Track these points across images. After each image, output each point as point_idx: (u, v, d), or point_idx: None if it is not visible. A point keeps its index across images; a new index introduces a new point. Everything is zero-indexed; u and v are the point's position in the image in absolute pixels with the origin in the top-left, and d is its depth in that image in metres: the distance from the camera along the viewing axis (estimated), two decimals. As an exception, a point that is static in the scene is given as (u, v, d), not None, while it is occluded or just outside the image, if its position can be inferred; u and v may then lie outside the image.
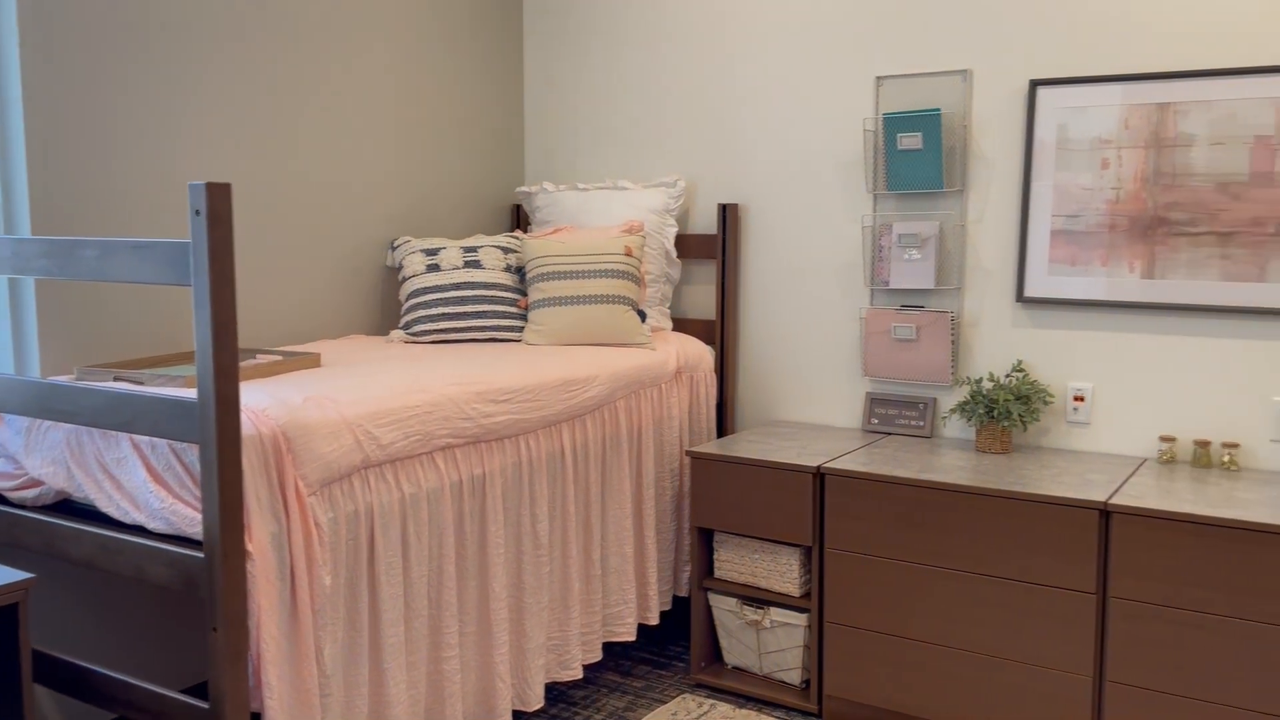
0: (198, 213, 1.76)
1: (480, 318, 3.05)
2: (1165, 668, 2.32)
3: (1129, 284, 2.77)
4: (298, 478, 1.96)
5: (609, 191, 3.44)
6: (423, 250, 3.15)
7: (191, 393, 2.04)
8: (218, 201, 1.76)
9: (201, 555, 1.85)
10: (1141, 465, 2.71)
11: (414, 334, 3.05)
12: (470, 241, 3.19)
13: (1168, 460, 2.73)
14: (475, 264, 3.12)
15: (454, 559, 2.31)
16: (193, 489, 1.93)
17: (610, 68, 3.58)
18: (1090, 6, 2.77)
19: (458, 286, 3.07)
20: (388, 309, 3.33)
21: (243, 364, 2.33)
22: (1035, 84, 2.83)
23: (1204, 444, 2.68)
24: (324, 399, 2.09)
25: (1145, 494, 2.41)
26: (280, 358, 2.49)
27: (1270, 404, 2.64)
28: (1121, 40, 2.74)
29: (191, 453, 1.92)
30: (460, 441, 2.32)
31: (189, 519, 1.92)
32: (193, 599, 2.71)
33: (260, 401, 2.01)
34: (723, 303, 3.35)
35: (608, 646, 3.21)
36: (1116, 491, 2.43)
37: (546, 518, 2.56)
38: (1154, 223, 2.72)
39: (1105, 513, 2.37)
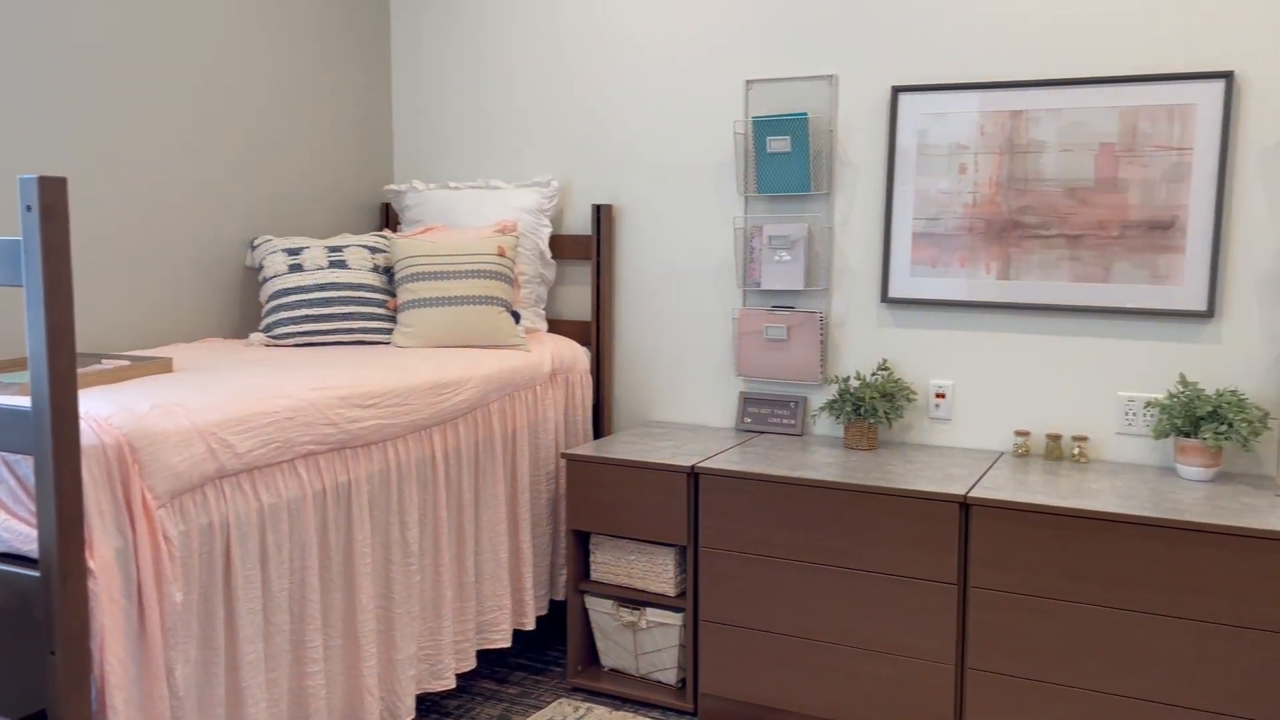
0: (29, 208, 1.64)
1: (346, 319, 2.96)
2: (1022, 653, 2.41)
3: (986, 285, 2.88)
4: (145, 489, 1.85)
5: (481, 191, 3.38)
6: (285, 249, 3.03)
7: (25, 401, 1.91)
8: (52, 196, 1.64)
9: (38, 574, 1.73)
10: (999, 459, 2.81)
11: (275, 337, 2.93)
12: (336, 241, 3.09)
13: (1023, 454, 2.85)
14: (341, 264, 3.02)
15: (318, 570, 2.22)
16: (28, 503, 1.80)
17: (482, 65, 3.53)
18: (949, 16, 2.87)
19: (322, 287, 2.96)
20: (247, 311, 3.20)
21: (87, 370, 2.19)
22: (897, 90, 2.92)
23: (1055, 437, 2.81)
24: (174, 405, 1.98)
25: (1002, 487, 2.50)
26: (128, 363, 2.35)
27: (1116, 398, 2.78)
28: (978, 49, 2.84)
29: (26, 465, 1.80)
30: (324, 448, 2.23)
31: (24, 536, 1.79)
32: (30, 621, 2.53)
33: (103, 409, 1.89)
34: (598, 304, 3.33)
35: (483, 654, 3.16)
36: (975, 485, 2.52)
37: (416, 525, 2.49)
38: (1008, 226, 2.83)
39: (965, 506, 2.46)
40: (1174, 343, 2.70)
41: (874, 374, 3.01)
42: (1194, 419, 2.55)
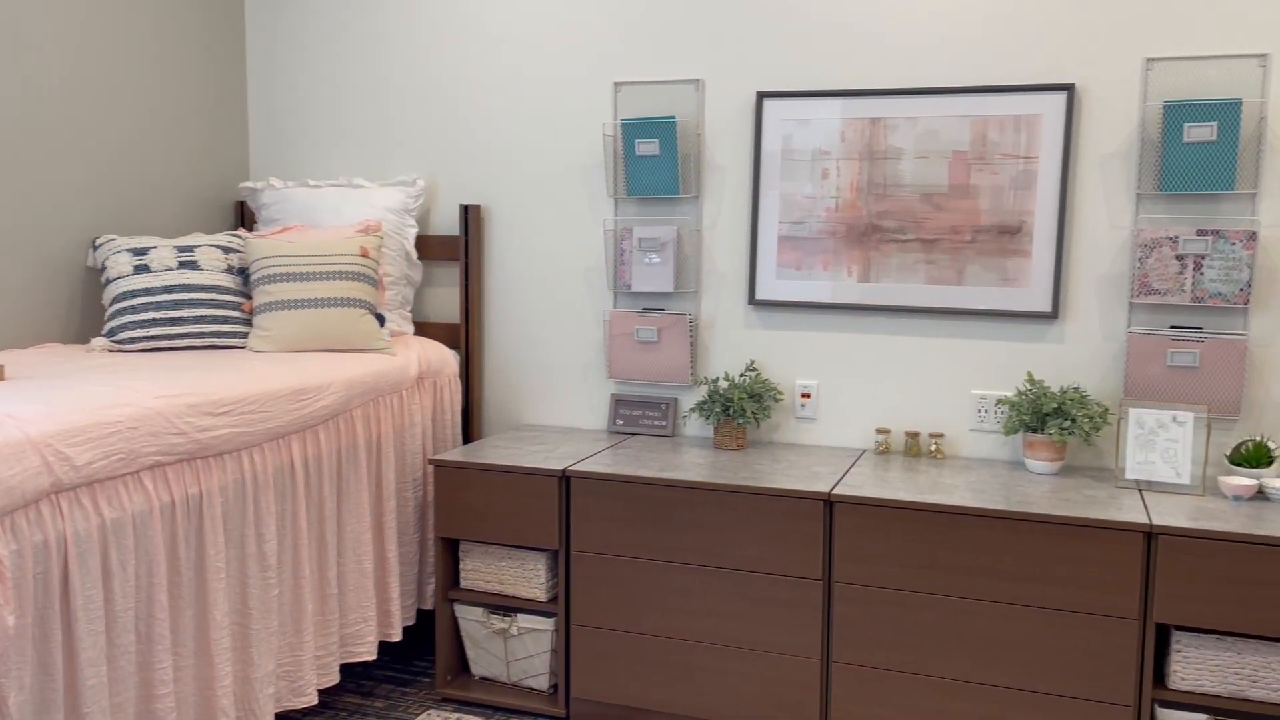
0: None
1: (198, 323, 2.82)
2: (884, 645, 2.48)
3: (848, 287, 2.95)
4: (-32, 507, 1.71)
5: (343, 189, 3.28)
6: (129, 250, 2.87)
7: None
8: None
9: None
10: (861, 456, 2.89)
11: (119, 342, 2.77)
12: (186, 240, 2.94)
13: (883, 451, 2.94)
14: (191, 264, 2.87)
15: (166, 587, 2.10)
16: None
17: (344, 58, 3.42)
18: (811, 25, 2.93)
19: (171, 289, 2.82)
20: (89, 314, 3.01)
21: (-100, 378, 2.02)
22: (762, 96, 2.96)
23: (914, 435, 2.91)
24: (3, 416, 1.84)
25: (863, 484, 2.57)
26: (-49, 370, 2.17)
27: (969, 396, 2.90)
28: (839, 58, 2.92)
29: None
30: (172, 459, 2.12)
31: None
32: None
33: (-81, 421, 1.74)
34: (467, 306, 3.28)
35: (347, 667, 3.06)
36: (839, 483, 2.58)
37: (275, 537, 2.39)
38: (869, 230, 2.92)
39: (829, 503, 2.51)
40: (1022, 342, 2.83)
41: (742, 375, 3.06)
42: (1041, 415, 2.67)
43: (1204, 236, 2.58)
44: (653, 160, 3.04)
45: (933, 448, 2.88)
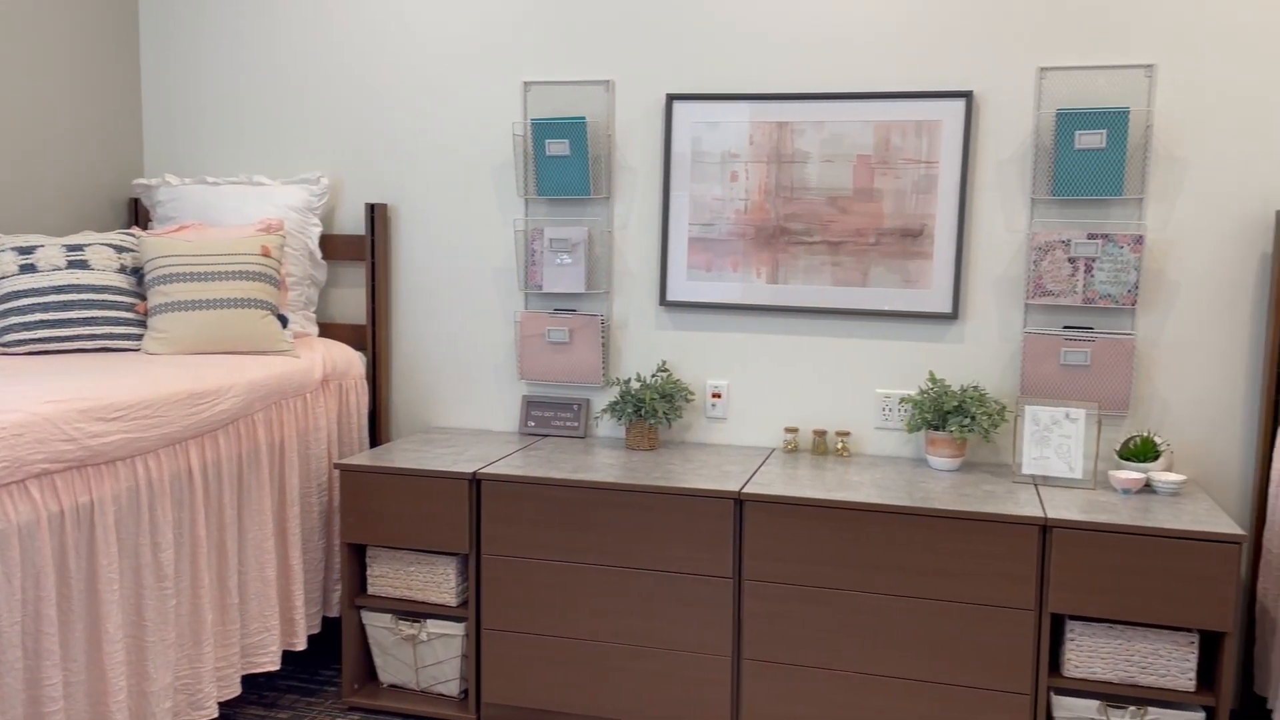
0: None
1: (88, 325, 2.70)
2: (793, 641, 2.52)
3: (757, 288, 2.99)
4: None
5: (243, 186, 3.19)
6: (14, 249, 2.74)
7: None
8: None
9: None
10: (770, 455, 2.93)
11: (4, 345, 2.64)
12: (76, 239, 2.82)
13: (792, 450, 2.98)
14: (81, 264, 2.76)
15: (55, 600, 2.01)
16: None
17: (244, 52, 3.32)
18: (720, 29, 2.96)
19: (60, 290, 2.70)
20: (-29, 315, 2.86)
21: None
22: (671, 98, 2.98)
23: (821, 433, 2.96)
24: (-128, 424, 1.74)
25: (772, 482, 2.61)
26: None
27: (874, 395, 2.96)
28: (747, 62, 2.95)
29: None
30: (60, 467, 2.02)
31: None
32: None
33: None
34: (373, 306, 3.22)
35: (251, 678, 2.97)
36: (748, 481, 2.61)
37: (171, 546, 2.31)
38: (777, 232, 2.96)
39: (739, 501, 2.54)
40: (924, 342, 2.91)
41: (654, 375, 3.07)
42: (942, 413, 2.74)
43: (1094, 240, 2.69)
44: (563, 160, 3.03)
45: (839, 446, 2.93)
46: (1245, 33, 2.62)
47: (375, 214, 3.19)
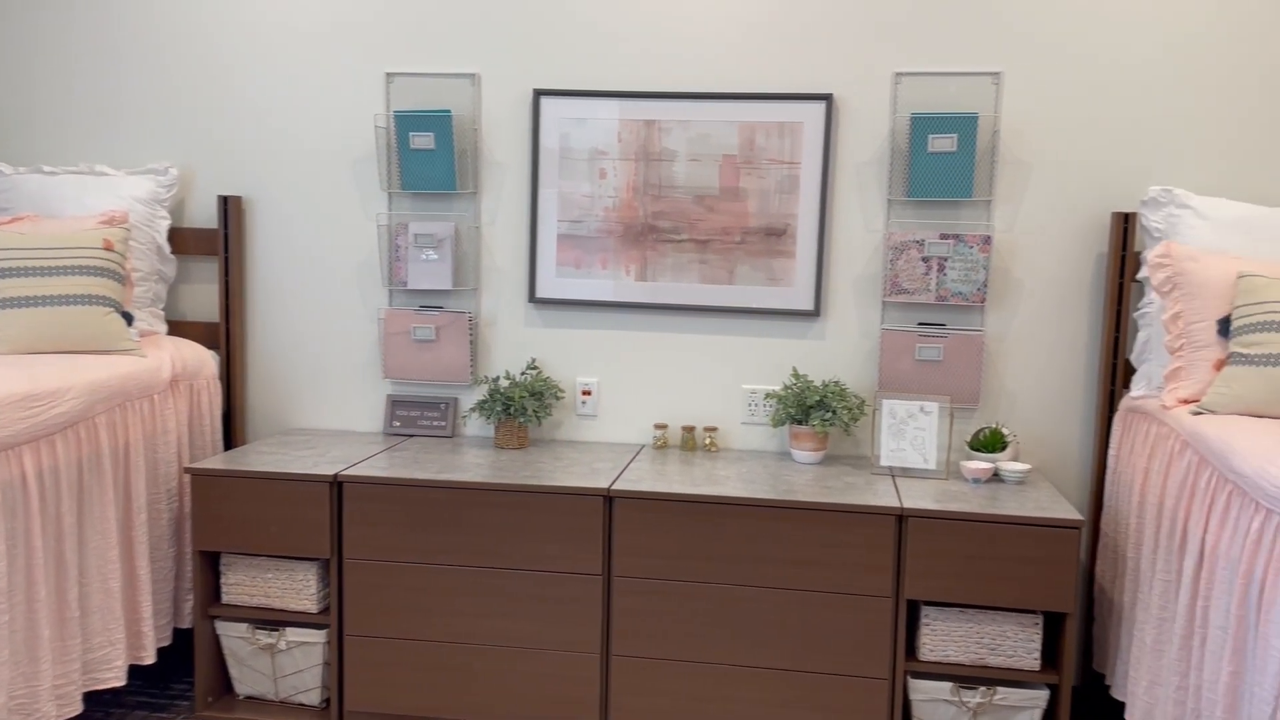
0: None
1: (-95, 322, 2.50)
2: (661, 636, 2.53)
3: (626, 286, 3.00)
4: None
5: (84, 176, 3.01)
6: None
7: None
8: None
9: None
10: (640, 451, 2.94)
11: None
12: (-108, 229, 2.61)
13: (661, 446, 3.00)
14: (-102, 256, 2.55)
15: None
16: None
17: (87, 34, 3.13)
18: (589, 24, 2.95)
19: (-128, 284, 2.49)
20: None
21: None
22: (539, 93, 2.96)
23: (690, 429, 2.99)
24: None
25: (642, 478, 2.62)
26: None
27: (741, 391, 3.01)
28: (616, 59, 2.95)
29: None
30: None
31: None
32: None
33: None
34: (227, 303, 3.08)
35: (95, 695, 2.81)
36: (618, 478, 2.61)
37: (4, 558, 2.16)
38: (645, 230, 2.97)
39: (608, 498, 2.54)
40: (788, 339, 2.97)
41: (523, 373, 3.04)
42: (805, 408, 2.81)
43: (946, 240, 2.80)
44: (428, 154, 2.97)
45: (707, 441, 2.97)
46: (1084, 43, 2.77)
47: (229, 207, 3.06)
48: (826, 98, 2.85)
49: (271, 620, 2.70)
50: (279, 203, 3.12)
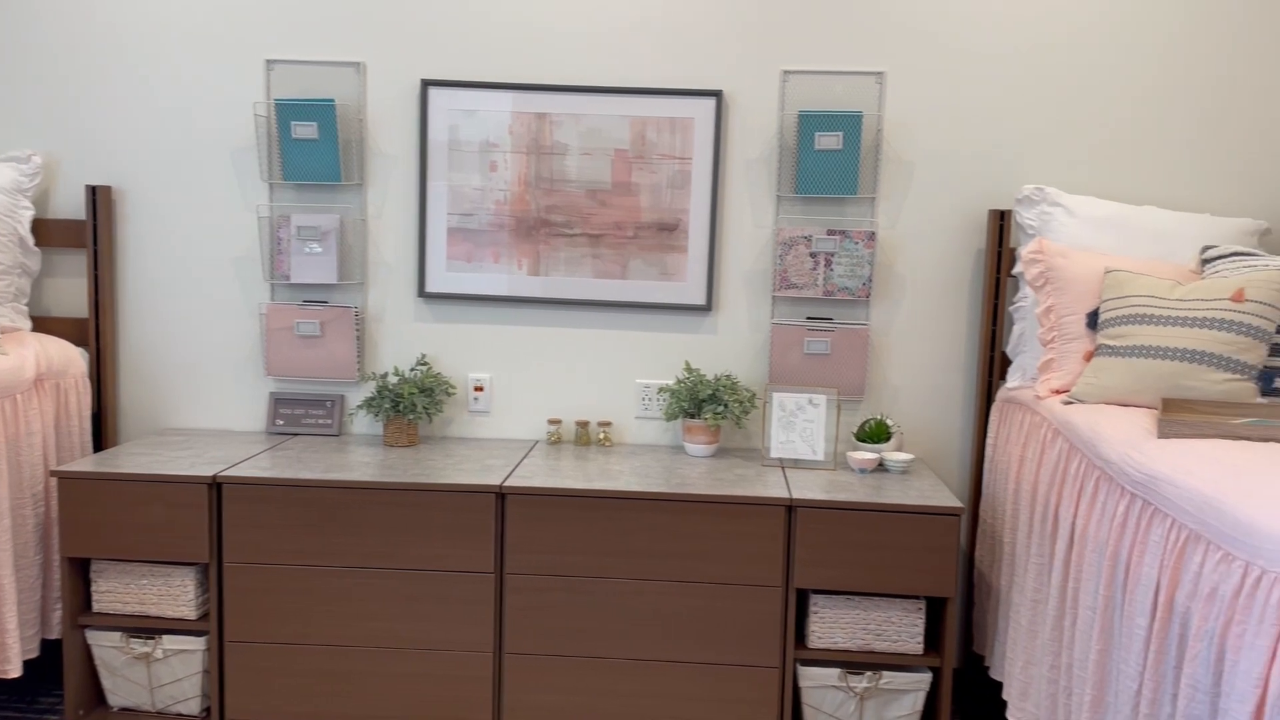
0: None
1: None
2: (555, 633, 2.52)
3: (519, 280, 2.97)
4: None
5: (-64, 163, 2.82)
6: None
7: None
8: None
9: None
10: (534, 447, 2.92)
11: None
12: None
13: (555, 441, 2.99)
14: None
15: None
16: None
17: (-65, 12, 2.94)
18: (477, 16, 2.91)
19: None
20: None
21: None
22: (427, 83, 2.90)
23: (584, 424, 2.98)
24: None
25: (535, 474, 2.60)
26: None
27: (634, 385, 3.01)
28: (506, 51, 2.92)
29: None
30: None
31: None
32: None
33: None
34: (97, 298, 2.94)
35: (-47, 716, 2.65)
36: (510, 474, 2.59)
37: None
38: (538, 224, 2.95)
39: (500, 495, 2.51)
40: (681, 333, 2.99)
41: (413, 369, 2.98)
42: (697, 402, 2.83)
43: (833, 236, 2.86)
44: (311, 144, 2.88)
45: (601, 436, 2.96)
46: (962, 45, 2.86)
47: (98, 197, 2.92)
48: (716, 94, 2.87)
49: (147, 628, 2.59)
50: (153, 193, 2.99)
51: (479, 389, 3.02)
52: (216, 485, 2.52)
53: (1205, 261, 2.54)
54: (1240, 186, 2.86)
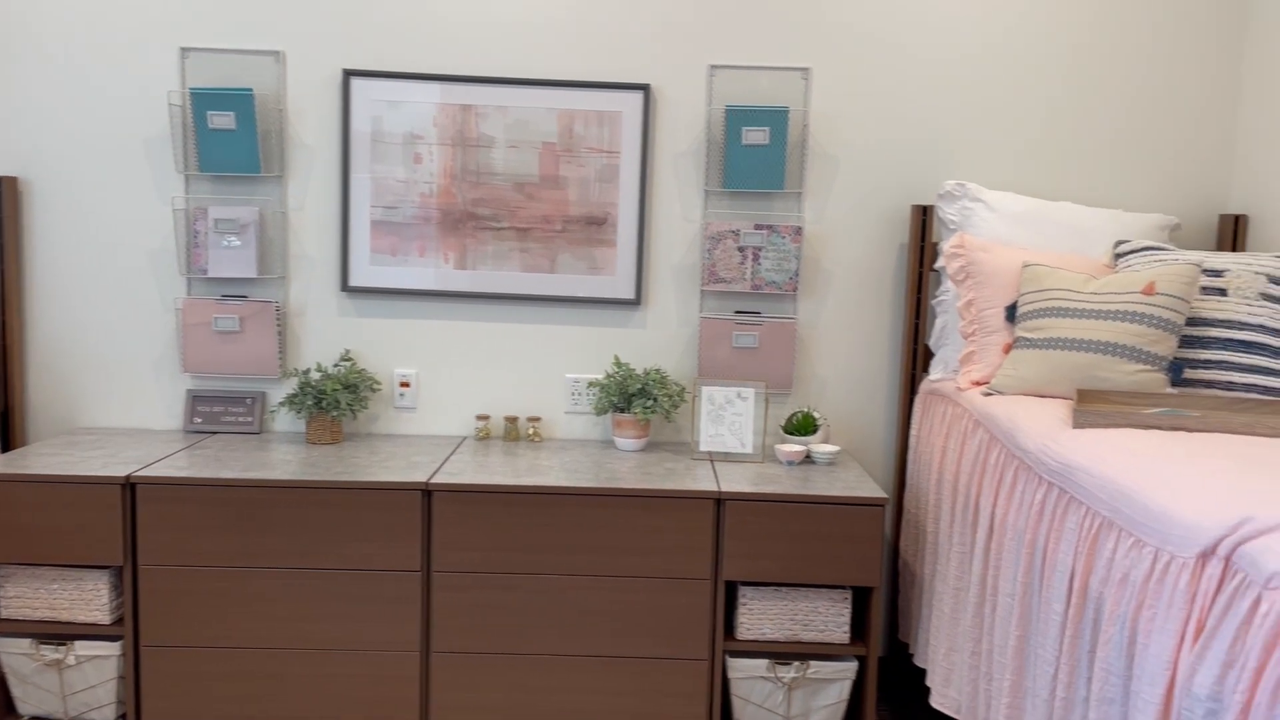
0: None
1: None
2: (484, 631, 2.50)
3: (445, 274, 2.93)
4: None
5: None
6: None
7: None
8: None
9: None
10: (462, 443, 2.89)
11: None
12: None
13: (484, 437, 2.96)
14: None
15: None
16: None
17: None
18: (401, 3, 2.86)
19: None
20: None
21: None
22: (349, 73, 2.84)
23: (513, 419, 2.95)
24: None
25: (462, 471, 2.57)
26: None
27: (564, 380, 3.00)
28: (431, 41, 2.87)
29: None
30: None
31: None
32: None
33: None
34: (3, 293, 2.82)
35: None
36: (437, 471, 2.55)
37: None
38: (464, 217, 2.91)
39: (427, 492, 2.48)
40: (610, 328, 2.98)
41: (336, 365, 2.92)
42: (627, 396, 2.83)
43: (761, 231, 2.87)
44: (228, 135, 2.80)
45: (530, 431, 2.94)
46: (886, 43, 2.90)
47: (3, 188, 2.80)
48: (644, 88, 2.87)
49: (58, 634, 2.50)
50: (62, 184, 2.88)
51: (405, 385, 2.98)
52: (130, 486, 2.45)
53: (1118, 256, 2.62)
54: (1152, 184, 2.95)
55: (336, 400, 2.78)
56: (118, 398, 2.95)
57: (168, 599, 2.46)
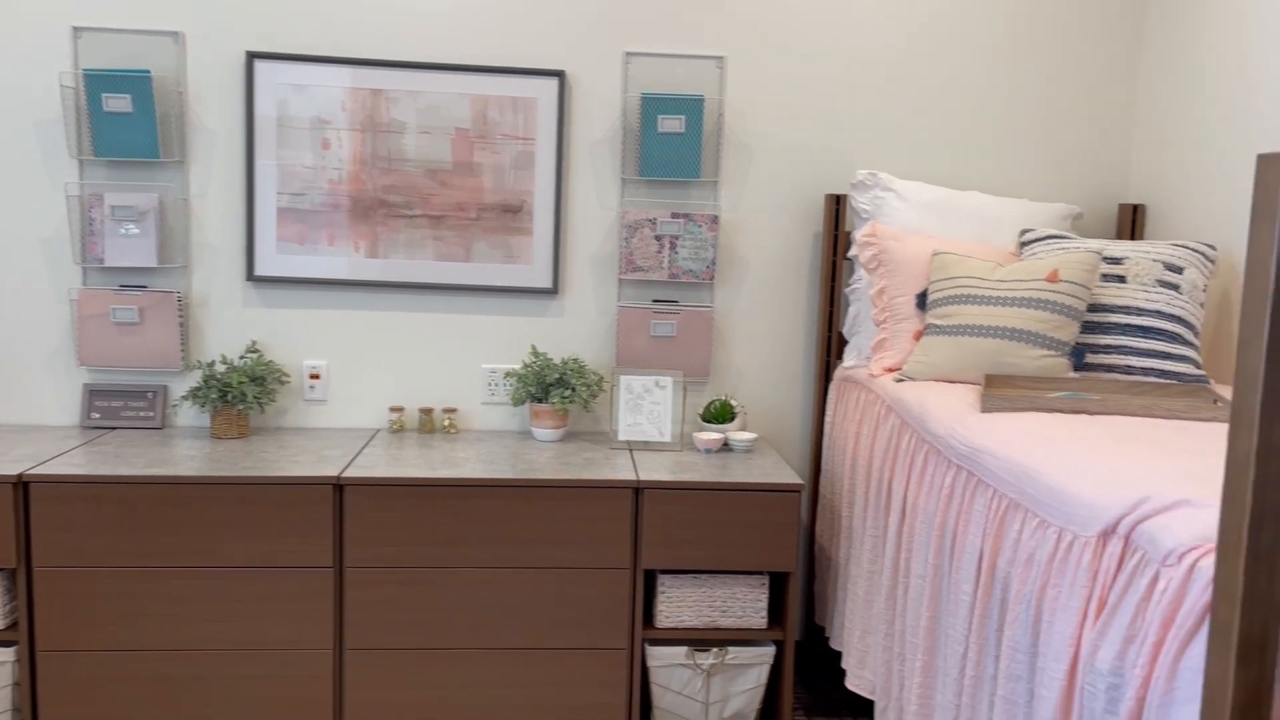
0: None
1: None
2: (400, 626, 2.46)
3: (356, 263, 2.86)
4: None
5: None
6: None
7: None
8: None
9: None
10: (375, 436, 2.83)
11: None
12: None
13: (398, 429, 2.90)
14: None
15: None
16: None
17: None
18: (305, -15, 2.78)
19: None
20: None
21: None
22: (252, 55, 2.75)
23: (428, 411, 2.90)
24: None
25: (375, 464, 2.52)
26: None
27: (480, 370, 2.96)
28: (338, 23, 2.79)
29: None
30: None
31: None
32: None
33: None
34: (-121, 284, 2.67)
35: None
36: (349, 465, 2.50)
37: None
38: (375, 204, 2.85)
39: (339, 487, 2.42)
40: (527, 317, 2.95)
41: (242, 357, 2.84)
42: (545, 386, 2.80)
43: (677, 219, 2.87)
44: (125, 118, 2.69)
45: (446, 423, 2.90)
46: (799, 32, 2.92)
47: (-123, 171, 2.65)
48: (559, 74, 2.84)
49: (-55, 644, 2.38)
50: (-58, 168, 2.73)
51: (315, 376, 2.90)
52: (23, 484, 2.34)
53: (1024, 244, 2.69)
54: (1056, 174, 3.03)
55: (243, 393, 2.70)
56: (9, 393, 2.81)
57: (65, 602, 2.36)
